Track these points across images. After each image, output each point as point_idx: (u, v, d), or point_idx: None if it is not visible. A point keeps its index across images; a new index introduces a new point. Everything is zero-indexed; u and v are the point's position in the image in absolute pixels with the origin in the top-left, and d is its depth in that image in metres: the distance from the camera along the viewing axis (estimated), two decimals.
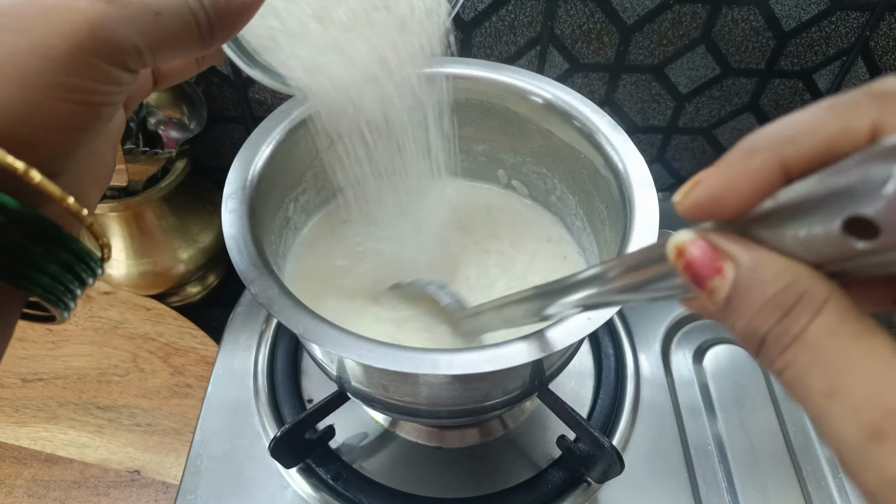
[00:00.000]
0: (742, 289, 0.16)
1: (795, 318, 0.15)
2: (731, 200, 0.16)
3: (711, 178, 0.16)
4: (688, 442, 0.51)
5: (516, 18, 0.56)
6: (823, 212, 0.14)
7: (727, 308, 0.16)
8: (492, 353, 0.31)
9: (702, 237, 0.17)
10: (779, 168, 0.15)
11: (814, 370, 0.15)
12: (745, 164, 0.16)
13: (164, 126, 0.57)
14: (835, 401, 0.14)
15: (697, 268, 0.17)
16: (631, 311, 0.58)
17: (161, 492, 0.52)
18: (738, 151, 0.16)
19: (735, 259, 0.16)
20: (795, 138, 0.15)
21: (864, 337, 0.14)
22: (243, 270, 0.33)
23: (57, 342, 0.62)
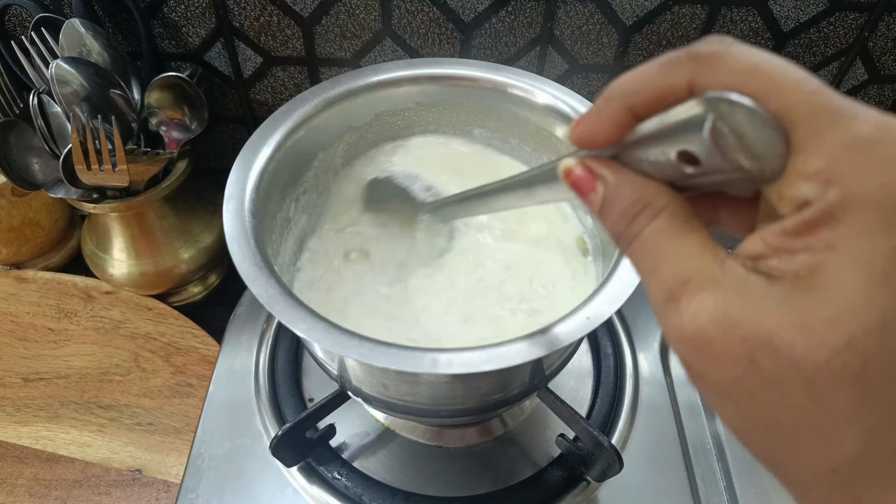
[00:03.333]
0: (608, 200, 0.21)
1: (638, 222, 0.20)
2: (599, 135, 0.21)
3: (585, 120, 0.22)
4: (687, 441, 0.51)
5: (516, 20, 0.56)
6: (663, 144, 0.19)
7: (601, 214, 0.22)
8: (492, 352, 0.31)
9: (581, 162, 0.22)
10: (628, 111, 0.20)
11: (644, 257, 0.20)
12: (605, 109, 0.21)
13: (166, 127, 0.58)
14: (652, 277, 0.20)
15: (580, 184, 0.22)
16: (630, 311, 0.59)
17: (162, 491, 0.52)
18: (601, 99, 0.21)
19: (604, 179, 0.21)
20: (636, 90, 0.20)
21: (683, 234, 0.19)
22: (244, 270, 0.33)
23: (58, 342, 0.62)
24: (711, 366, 0.18)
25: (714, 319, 0.17)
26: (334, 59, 0.59)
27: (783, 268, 0.17)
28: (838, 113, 0.16)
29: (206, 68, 0.60)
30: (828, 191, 0.16)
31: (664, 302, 0.19)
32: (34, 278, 0.66)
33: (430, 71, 0.46)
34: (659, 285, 0.19)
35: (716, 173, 0.18)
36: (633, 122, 0.20)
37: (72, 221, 0.71)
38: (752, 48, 0.18)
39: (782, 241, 0.17)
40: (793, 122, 0.17)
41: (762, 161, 0.17)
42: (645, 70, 0.20)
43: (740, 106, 0.17)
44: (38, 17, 0.52)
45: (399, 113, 0.48)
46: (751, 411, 0.18)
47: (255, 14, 0.56)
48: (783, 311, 0.16)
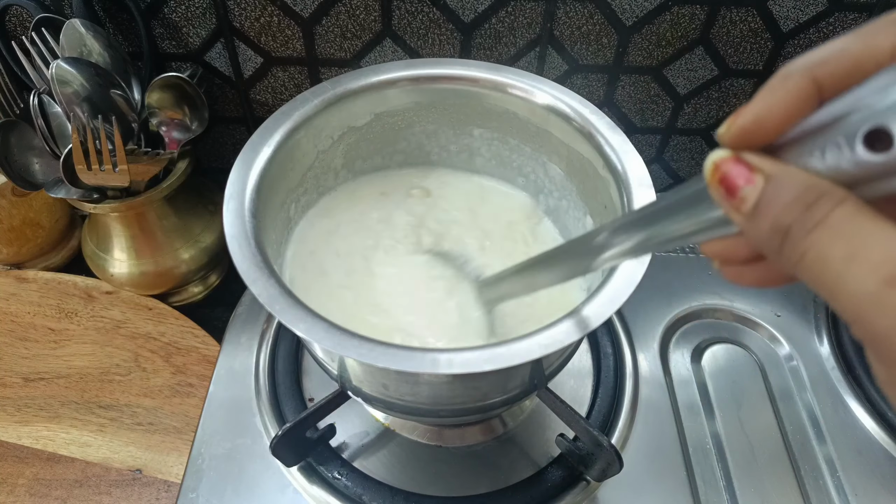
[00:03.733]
0: (771, 193, 0.18)
1: (819, 208, 0.17)
2: (773, 121, 0.18)
3: (754, 105, 0.18)
4: (686, 441, 0.51)
5: (516, 20, 0.56)
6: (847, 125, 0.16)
7: (755, 214, 0.18)
8: (491, 352, 0.31)
9: (735, 155, 0.19)
10: (812, 87, 0.17)
11: (835, 243, 0.17)
12: (784, 86, 0.18)
13: (166, 127, 0.58)
14: (854, 263, 0.16)
15: (731, 179, 0.18)
16: (630, 311, 0.59)
17: (163, 490, 0.52)
18: (776, 77, 0.18)
19: (765, 171, 0.18)
20: (826, 60, 0.17)
21: (880, 220, 0.16)
22: (245, 270, 0.34)
23: (59, 342, 0.62)
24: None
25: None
26: (334, 59, 0.59)
27: None
28: None
29: (207, 68, 0.61)
30: None
31: (882, 286, 0.16)
32: (35, 278, 0.67)
33: (430, 71, 0.46)
34: (868, 271, 0.16)
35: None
36: (815, 101, 0.17)
37: (72, 221, 0.71)
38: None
39: None
40: None
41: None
42: (835, 41, 0.17)
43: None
44: (39, 18, 0.52)
45: (399, 113, 0.48)
46: None
47: (255, 14, 0.56)
48: None
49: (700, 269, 0.63)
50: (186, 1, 0.55)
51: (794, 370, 0.56)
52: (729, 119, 0.19)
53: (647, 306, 0.59)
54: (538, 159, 0.49)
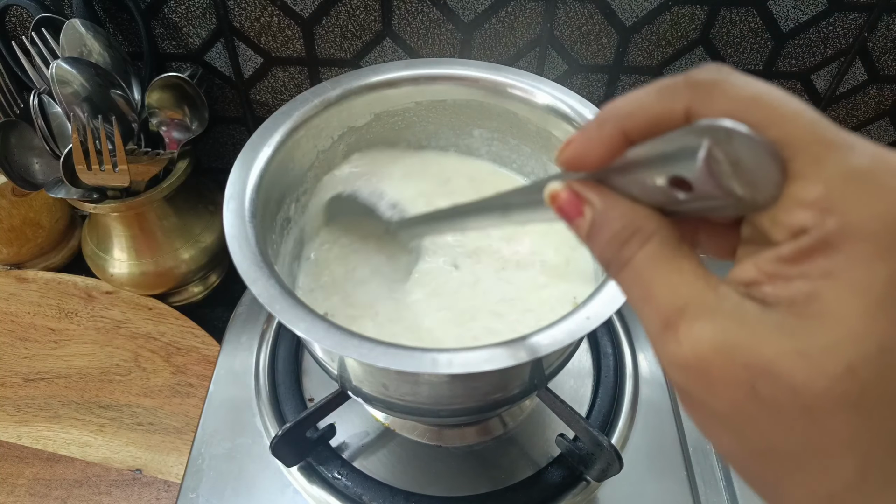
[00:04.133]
0: (596, 225, 0.21)
1: (629, 248, 0.20)
2: (590, 157, 0.21)
3: (575, 142, 0.21)
4: (686, 441, 0.51)
5: (516, 20, 0.56)
6: (655, 169, 0.19)
7: (588, 240, 0.21)
8: (492, 352, 0.31)
9: (568, 186, 0.22)
10: (621, 135, 0.20)
11: (635, 285, 0.20)
12: (598, 132, 0.20)
13: (166, 127, 0.58)
14: (646, 305, 0.19)
15: (566, 210, 0.22)
16: (630, 311, 0.59)
17: (163, 490, 0.52)
18: (594, 121, 0.21)
19: (592, 203, 0.21)
20: (632, 114, 0.20)
21: (675, 260, 0.19)
22: (244, 270, 0.34)
23: (59, 341, 0.62)
24: (711, 393, 0.18)
25: (714, 347, 0.17)
26: (334, 59, 0.59)
27: (778, 294, 0.17)
28: (837, 143, 0.17)
29: (207, 69, 0.61)
30: (826, 219, 0.16)
31: (660, 330, 0.19)
32: (35, 278, 0.67)
33: (430, 71, 0.46)
34: (653, 313, 0.19)
35: (707, 199, 0.18)
36: (625, 146, 0.20)
37: (72, 221, 0.71)
38: (750, 78, 0.18)
39: (777, 268, 0.17)
40: (793, 150, 0.17)
41: (756, 189, 0.17)
42: (641, 94, 0.20)
43: (738, 133, 0.17)
44: (39, 18, 0.52)
45: (399, 113, 0.48)
46: (749, 438, 0.18)
47: (255, 14, 0.56)
48: (782, 338, 0.17)
49: None
50: (186, 1, 0.55)
51: None
52: (561, 147, 0.22)
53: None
54: (538, 159, 0.49)
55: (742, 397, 0.17)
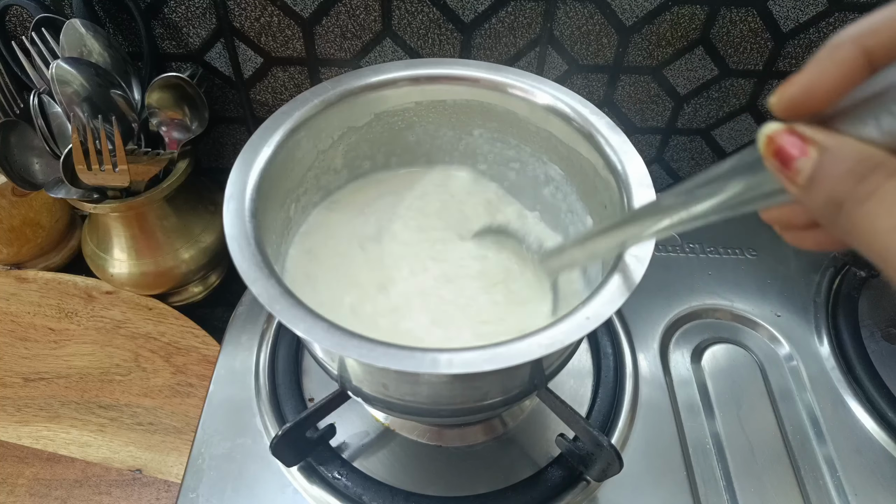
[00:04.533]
0: (825, 165, 0.18)
1: (871, 181, 0.17)
2: (822, 90, 0.18)
3: (803, 76, 0.18)
4: (686, 441, 0.51)
5: (516, 20, 0.56)
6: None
7: (810, 186, 0.18)
8: (492, 352, 0.31)
9: (789, 127, 0.19)
10: (862, 57, 0.17)
11: (884, 215, 0.17)
12: (833, 56, 0.18)
13: (166, 127, 0.58)
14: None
15: (786, 151, 0.19)
16: (630, 311, 0.59)
17: (163, 490, 0.52)
18: (825, 48, 0.18)
19: (819, 143, 0.18)
20: (876, 29, 0.17)
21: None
22: (245, 270, 0.34)
23: (59, 341, 0.62)
24: None
25: None
26: (334, 59, 0.59)
27: None
28: None
29: (207, 69, 0.61)
30: None
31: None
32: (35, 278, 0.67)
33: (430, 71, 0.46)
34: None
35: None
36: (866, 72, 0.17)
37: (72, 221, 0.71)
38: None
39: None
40: None
41: None
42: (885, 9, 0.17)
43: None
44: (39, 18, 0.52)
45: (399, 113, 0.48)
46: None
47: (255, 15, 0.56)
48: None
49: (700, 269, 0.63)
50: (186, 1, 0.55)
51: (793, 370, 0.56)
52: (779, 88, 0.19)
53: (647, 306, 0.59)
54: (539, 159, 0.49)
55: None
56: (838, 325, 0.58)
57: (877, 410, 0.53)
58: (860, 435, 0.52)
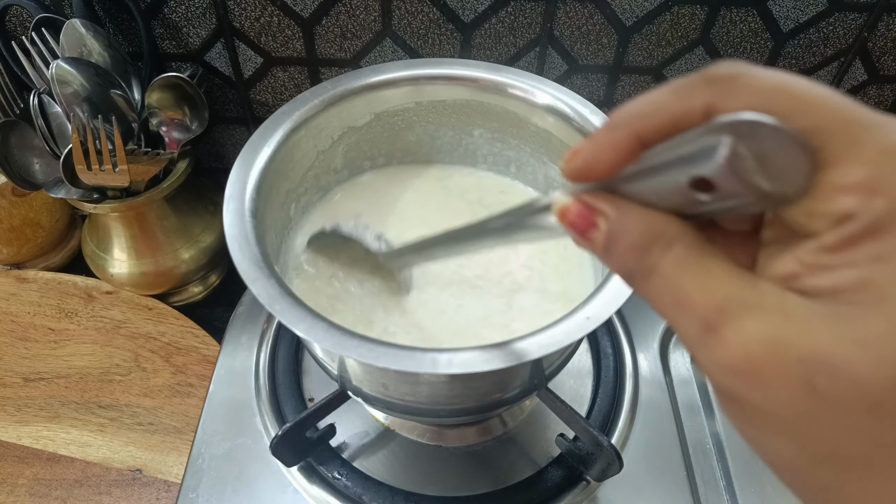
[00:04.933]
0: (613, 237, 0.19)
1: (652, 254, 0.18)
2: (601, 166, 0.20)
3: (585, 150, 0.20)
4: (686, 441, 0.51)
5: (516, 20, 0.56)
6: (673, 172, 0.18)
7: (605, 253, 0.20)
8: (491, 352, 0.31)
9: (577, 199, 0.20)
10: (635, 139, 0.19)
11: (665, 293, 0.18)
12: (610, 137, 0.19)
13: (166, 127, 0.58)
14: (680, 310, 0.18)
15: (578, 225, 0.20)
16: (630, 311, 0.59)
17: (163, 490, 0.52)
18: (605, 127, 0.20)
19: (605, 214, 0.20)
20: (647, 116, 0.19)
21: (703, 262, 0.18)
22: (245, 270, 0.34)
23: (59, 341, 0.62)
24: (765, 395, 0.16)
25: (763, 344, 0.16)
26: (334, 59, 0.59)
27: (822, 285, 0.16)
28: (871, 123, 0.16)
29: (207, 69, 0.61)
30: (872, 201, 0.15)
31: (701, 335, 0.17)
32: (35, 278, 0.67)
33: (430, 71, 0.46)
34: (690, 319, 0.18)
35: (731, 198, 0.17)
36: (639, 151, 0.19)
37: (72, 221, 0.71)
38: (770, 69, 0.17)
39: (820, 259, 0.16)
40: (825, 136, 0.16)
41: (784, 182, 0.16)
42: (656, 95, 0.19)
43: (762, 126, 0.16)
44: (39, 18, 0.52)
45: (399, 113, 0.48)
46: (810, 443, 0.17)
47: (255, 15, 0.56)
48: (835, 327, 0.15)
49: None
50: (186, 1, 0.55)
51: None
52: (566, 157, 0.20)
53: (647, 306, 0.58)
54: (538, 159, 0.49)
55: (799, 396, 0.16)
56: None
57: None
58: None
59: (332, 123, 0.45)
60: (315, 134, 0.44)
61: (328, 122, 0.45)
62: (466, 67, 0.46)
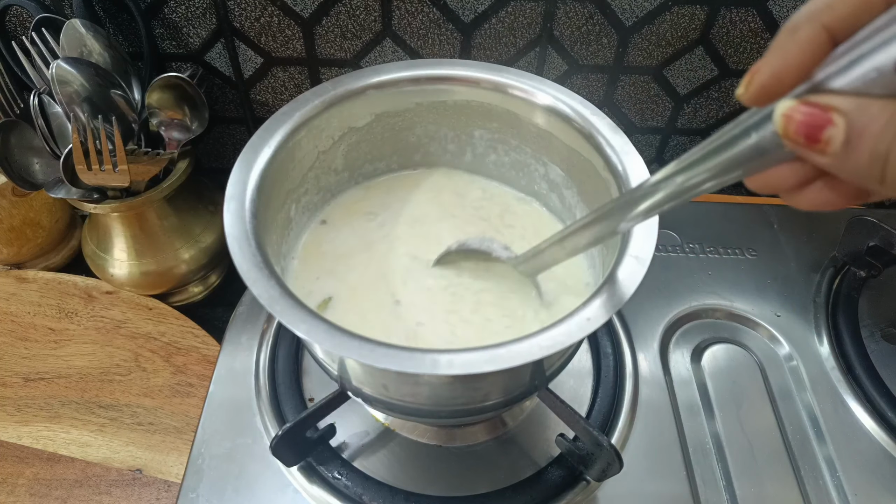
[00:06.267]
0: (857, 127, 0.17)
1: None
2: (789, 74, 0.18)
3: (767, 61, 0.18)
4: (686, 441, 0.51)
5: (516, 20, 0.56)
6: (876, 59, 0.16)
7: (846, 151, 0.18)
8: (492, 353, 0.31)
9: (802, 101, 0.18)
10: (824, 34, 0.17)
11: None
12: (793, 39, 0.18)
13: (166, 127, 0.58)
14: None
15: (810, 125, 0.18)
16: (630, 311, 0.59)
17: (163, 490, 0.52)
18: (782, 32, 0.18)
19: (838, 108, 0.18)
20: (831, 5, 0.17)
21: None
22: (245, 270, 0.34)
23: (59, 341, 0.62)
24: None
25: None
26: (335, 59, 0.59)
27: None
28: None
29: (207, 69, 0.61)
30: None
31: None
32: (35, 278, 0.67)
33: (430, 72, 0.46)
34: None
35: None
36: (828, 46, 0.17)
37: (72, 221, 0.71)
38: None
39: None
40: None
41: None
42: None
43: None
44: (39, 18, 0.52)
45: (399, 114, 0.48)
46: None
47: (255, 15, 0.56)
48: None
49: (700, 269, 0.63)
50: (186, 1, 0.55)
51: (793, 370, 0.56)
52: (745, 77, 0.19)
53: (647, 306, 0.59)
54: (539, 160, 0.49)
55: None
56: (838, 325, 0.58)
57: (877, 410, 0.53)
58: (860, 435, 0.52)
59: (332, 124, 0.45)
60: (315, 134, 0.44)
61: (329, 122, 0.45)
62: (467, 68, 0.46)
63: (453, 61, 0.46)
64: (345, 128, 0.46)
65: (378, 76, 0.45)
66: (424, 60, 0.47)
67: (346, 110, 0.45)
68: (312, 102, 0.43)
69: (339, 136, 0.47)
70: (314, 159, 0.46)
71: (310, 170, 0.46)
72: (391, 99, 0.46)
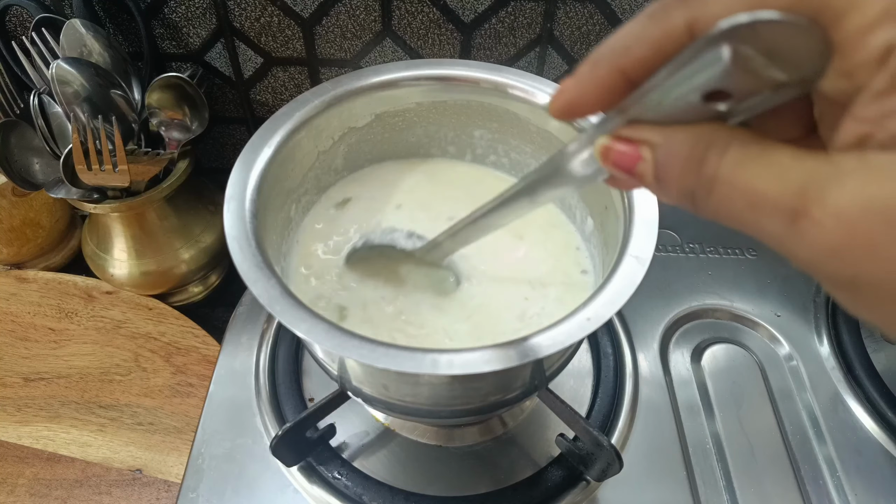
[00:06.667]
0: (662, 161, 0.18)
1: (709, 164, 0.17)
2: (586, 104, 0.19)
3: (569, 88, 0.19)
4: (686, 441, 0.51)
5: (516, 20, 0.56)
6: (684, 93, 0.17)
7: (658, 181, 0.19)
8: (492, 353, 0.31)
9: (615, 135, 0.19)
10: (619, 75, 0.18)
11: (735, 197, 0.17)
12: (592, 74, 0.19)
13: (166, 127, 0.58)
14: (758, 211, 0.16)
15: (622, 160, 0.19)
16: (630, 311, 0.59)
17: (163, 490, 0.52)
18: (586, 63, 0.19)
19: (648, 141, 0.19)
20: (628, 50, 0.18)
21: (766, 153, 0.17)
22: (245, 271, 0.33)
23: (59, 342, 0.62)
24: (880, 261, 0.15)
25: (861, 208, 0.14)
26: (335, 59, 0.59)
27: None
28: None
29: (207, 69, 0.61)
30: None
31: (788, 227, 0.16)
32: (35, 278, 0.67)
33: (430, 72, 0.46)
34: (771, 215, 0.16)
35: (752, 97, 0.16)
36: (625, 87, 0.18)
37: (72, 221, 0.71)
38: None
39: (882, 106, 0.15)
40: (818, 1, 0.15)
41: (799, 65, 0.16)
42: (633, 25, 0.18)
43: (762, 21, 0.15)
44: (39, 18, 0.52)
45: (399, 114, 0.48)
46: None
47: (255, 15, 0.56)
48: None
49: (700, 268, 0.63)
50: (186, 1, 0.55)
51: (793, 370, 0.56)
52: (552, 97, 0.20)
53: (647, 306, 0.59)
54: (539, 160, 0.49)
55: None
56: (838, 325, 0.58)
57: (877, 410, 0.53)
58: (860, 435, 0.52)
59: (332, 124, 0.45)
60: (316, 134, 0.44)
61: (329, 122, 0.45)
62: (467, 68, 0.46)
63: (453, 61, 0.46)
64: (345, 128, 0.46)
65: (378, 76, 0.45)
66: (424, 60, 0.47)
67: (346, 110, 0.45)
68: (312, 102, 0.43)
69: (339, 136, 0.47)
70: (314, 159, 0.46)
71: (310, 170, 0.46)
72: (391, 99, 0.46)
